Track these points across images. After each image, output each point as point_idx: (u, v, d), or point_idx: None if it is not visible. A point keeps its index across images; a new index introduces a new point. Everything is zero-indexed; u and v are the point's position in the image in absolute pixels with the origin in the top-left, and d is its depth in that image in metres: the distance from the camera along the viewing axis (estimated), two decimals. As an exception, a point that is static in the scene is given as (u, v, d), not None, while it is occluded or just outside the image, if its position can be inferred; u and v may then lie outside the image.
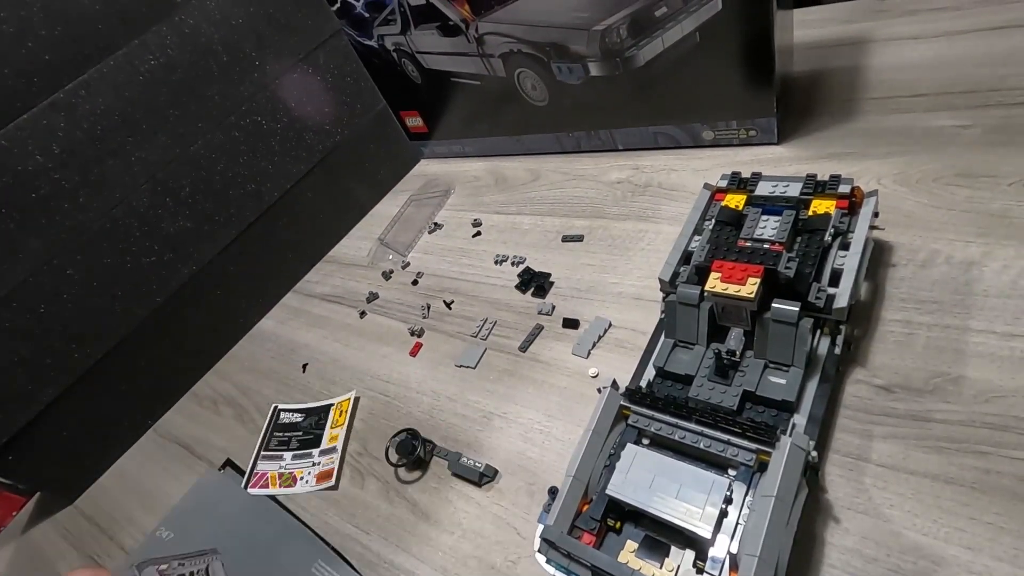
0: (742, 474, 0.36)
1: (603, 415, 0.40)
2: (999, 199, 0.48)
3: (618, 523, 0.37)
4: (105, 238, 0.63)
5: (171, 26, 0.65)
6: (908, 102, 0.60)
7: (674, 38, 0.60)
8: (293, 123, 0.78)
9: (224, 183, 0.73)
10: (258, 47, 0.73)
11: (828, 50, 0.71)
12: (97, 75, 0.60)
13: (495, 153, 0.87)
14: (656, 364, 0.44)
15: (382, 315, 0.70)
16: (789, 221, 0.43)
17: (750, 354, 0.41)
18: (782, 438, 0.34)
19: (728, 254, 0.42)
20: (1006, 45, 0.59)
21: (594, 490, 0.39)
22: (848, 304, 0.39)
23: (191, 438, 0.67)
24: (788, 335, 0.39)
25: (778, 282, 0.40)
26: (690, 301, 0.43)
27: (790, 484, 0.33)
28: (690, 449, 0.38)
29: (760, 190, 0.47)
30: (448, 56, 0.76)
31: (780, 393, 0.39)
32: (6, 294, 0.58)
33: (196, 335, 0.74)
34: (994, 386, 0.38)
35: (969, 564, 0.32)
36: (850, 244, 0.42)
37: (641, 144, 0.73)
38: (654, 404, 0.40)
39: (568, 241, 0.65)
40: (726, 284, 0.40)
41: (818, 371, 0.40)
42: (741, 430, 0.36)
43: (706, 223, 0.49)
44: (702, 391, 0.41)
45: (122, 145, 0.63)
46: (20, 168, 0.56)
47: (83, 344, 0.64)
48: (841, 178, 0.45)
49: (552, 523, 0.36)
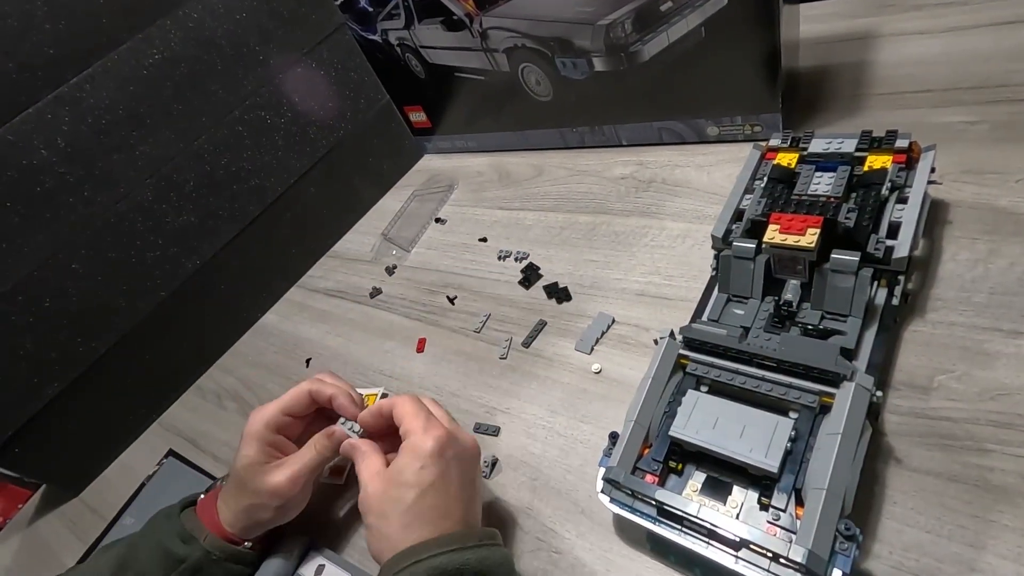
0: (804, 417, 0.36)
1: (662, 363, 0.40)
2: (1006, 195, 0.47)
3: (680, 465, 0.38)
4: (110, 232, 0.64)
5: (175, 20, 0.65)
6: (915, 98, 0.59)
7: (679, 33, 0.59)
8: (297, 118, 0.78)
9: (228, 178, 0.73)
10: (262, 42, 0.73)
11: (834, 45, 0.71)
12: (101, 69, 0.60)
13: (499, 148, 0.87)
14: (711, 317, 0.44)
15: (385, 310, 0.70)
16: (844, 176, 0.43)
17: (806, 306, 0.42)
18: (844, 382, 0.35)
19: (785, 207, 0.42)
20: (1014, 40, 0.59)
21: (654, 436, 0.39)
22: (907, 255, 0.39)
23: (195, 432, 0.68)
24: (847, 285, 0.39)
25: (836, 233, 0.40)
26: (746, 255, 0.43)
27: (855, 422, 0.33)
28: (750, 395, 0.38)
29: (813, 148, 0.47)
30: (452, 51, 0.76)
31: (839, 341, 0.39)
32: (11, 288, 0.58)
33: (200, 329, 0.74)
34: (999, 384, 0.38)
35: (972, 562, 0.32)
36: (908, 198, 0.42)
37: (645, 140, 0.73)
38: (714, 351, 0.40)
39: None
40: (785, 235, 0.40)
41: (875, 321, 0.40)
42: (805, 370, 0.36)
43: (756, 182, 0.49)
44: (758, 343, 0.41)
45: (126, 140, 0.63)
46: (25, 162, 0.57)
47: (88, 338, 0.64)
48: (899, 132, 0.45)
49: (615, 465, 0.37)
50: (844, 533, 0.31)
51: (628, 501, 0.37)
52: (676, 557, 0.38)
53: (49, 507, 0.68)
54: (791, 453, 0.34)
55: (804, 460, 0.34)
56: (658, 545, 0.39)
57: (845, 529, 0.31)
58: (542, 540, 0.43)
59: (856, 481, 0.33)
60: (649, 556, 0.39)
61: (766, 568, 0.31)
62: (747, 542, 0.31)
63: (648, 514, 0.36)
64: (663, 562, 0.38)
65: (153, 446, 0.69)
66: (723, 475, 0.37)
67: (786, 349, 0.37)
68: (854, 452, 0.33)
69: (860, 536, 0.31)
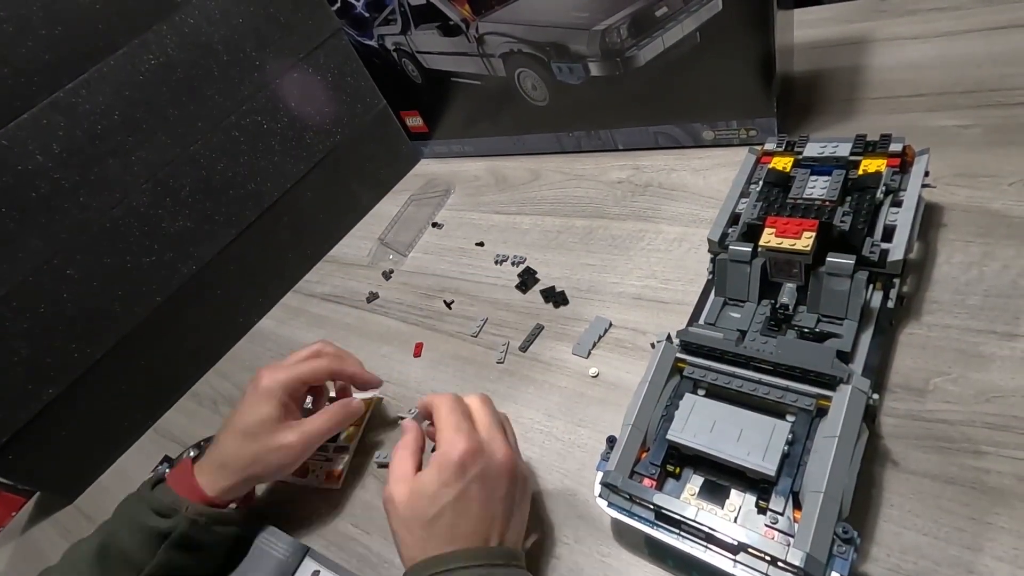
0: (801, 420, 0.36)
1: (659, 367, 0.40)
2: (1000, 199, 0.47)
3: (677, 469, 0.38)
4: (105, 237, 0.63)
5: (171, 25, 0.65)
6: (908, 102, 0.60)
7: (675, 38, 0.60)
8: (293, 123, 0.78)
9: (224, 183, 0.73)
10: (258, 47, 0.73)
11: (828, 50, 0.71)
12: (97, 74, 0.60)
13: (495, 153, 0.87)
14: (708, 321, 0.44)
15: (382, 315, 0.70)
16: (839, 180, 0.43)
17: (803, 309, 0.42)
18: (841, 385, 0.35)
19: (781, 210, 0.43)
20: (1007, 45, 0.59)
21: (651, 440, 0.39)
22: (903, 257, 0.39)
23: (191, 437, 0.67)
24: (843, 288, 0.40)
25: (832, 237, 0.40)
26: (742, 259, 0.44)
27: (852, 425, 0.33)
28: (747, 398, 0.38)
29: (808, 152, 0.47)
30: (448, 56, 0.76)
31: (835, 344, 0.39)
32: (6, 293, 0.58)
33: (196, 335, 0.74)
34: (994, 386, 0.38)
35: (970, 564, 0.32)
36: (902, 201, 0.42)
37: (641, 144, 0.73)
38: (711, 354, 0.40)
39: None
40: (780, 239, 0.40)
41: (871, 324, 0.41)
42: (802, 373, 0.36)
43: (752, 186, 0.49)
44: (754, 346, 0.41)
45: (122, 145, 0.63)
46: (20, 167, 0.56)
47: (83, 343, 0.64)
48: (893, 136, 0.45)
49: (612, 469, 0.37)
50: (842, 536, 0.31)
51: (626, 505, 0.37)
52: (674, 561, 0.38)
53: (43, 514, 0.67)
54: (788, 456, 0.34)
55: (801, 463, 0.34)
56: (656, 549, 0.39)
57: (843, 532, 0.31)
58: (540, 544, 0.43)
59: (853, 484, 0.33)
60: (647, 560, 0.39)
61: (764, 572, 0.31)
62: (745, 546, 0.31)
63: (646, 518, 0.36)
64: (661, 566, 0.38)
65: (148, 452, 0.68)
66: (721, 479, 0.37)
67: (783, 352, 0.38)
68: (851, 455, 0.33)
69: (858, 539, 0.31)
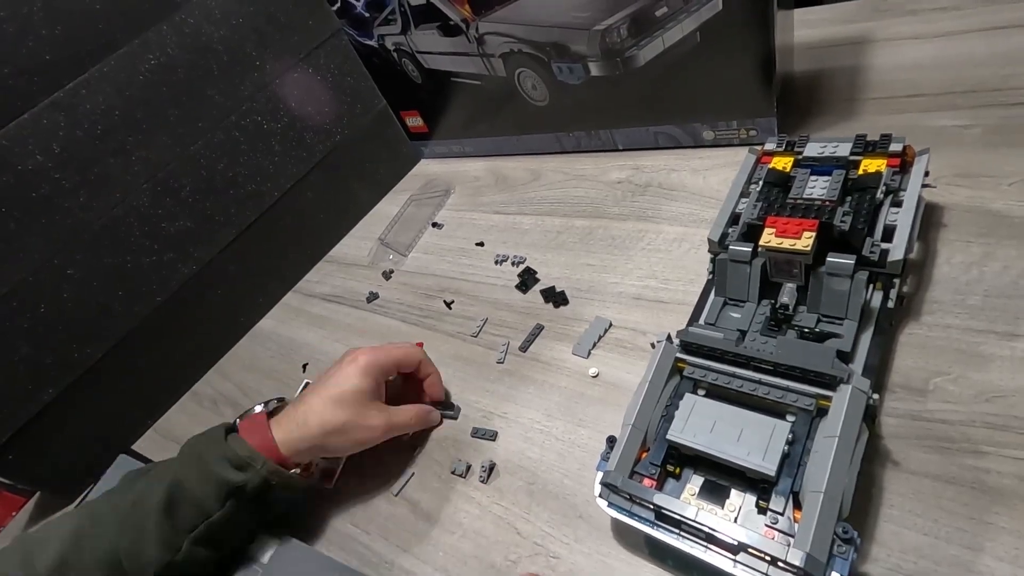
0: (801, 420, 0.36)
1: (659, 367, 0.40)
2: (1000, 199, 0.47)
3: (678, 469, 0.38)
4: (106, 237, 0.63)
5: (172, 25, 0.65)
6: (909, 102, 0.60)
7: (675, 38, 0.60)
8: (293, 123, 0.78)
9: (224, 183, 0.73)
10: (259, 47, 0.73)
11: (829, 50, 0.71)
12: (98, 74, 0.60)
13: (495, 153, 0.87)
14: (708, 321, 0.45)
15: (382, 315, 0.70)
16: (839, 180, 0.43)
17: (802, 309, 0.42)
18: (841, 385, 0.35)
19: (781, 210, 0.43)
20: (1008, 45, 0.59)
21: (651, 440, 0.39)
22: (903, 257, 0.39)
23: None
24: (843, 288, 0.40)
25: (832, 236, 0.40)
26: (742, 259, 0.43)
27: (852, 425, 0.33)
28: (747, 398, 0.38)
29: (808, 152, 0.47)
30: (448, 56, 0.76)
31: (836, 344, 0.39)
32: (7, 292, 0.58)
33: (197, 334, 0.74)
34: (994, 386, 0.38)
35: (970, 564, 0.32)
36: (902, 201, 0.42)
37: (641, 144, 0.73)
38: (711, 354, 0.40)
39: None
40: (780, 239, 0.40)
41: (871, 324, 0.41)
42: (802, 373, 0.36)
43: (752, 186, 0.49)
44: (754, 346, 0.41)
45: (122, 145, 0.63)
46: (20, 167, 0.56)
47: (83, 343, 0.64)
48: (892, 137, 0.45)
49: (612, 469, 0.37)
50: (842, 536, 0.31)
51: (626, 505, 0.37)
52: (674, 561, 0.38)
53: (43, 515, 0.67)
54: (788, 456, 0.34)
55: (801, 463, 0.34)
56: (656, 549, 0.39)
57: (843, 532, 0.31)
58: (540, 545, 0.43)
59: (853, 484, 0.33)
60: (647, 560, 0.39)
61: (764, 572, 0.31)
62: (745, 546, 0.31)
63: (646, 518, 0.36)
64: (661, 566, 0.38)
65: (149, 453, 0.68)
66: (721, 479, 0.37)
67: (783, 352, 0.37)
68: (851, 455, 0.33)
69: (858, 539, 0.31)
